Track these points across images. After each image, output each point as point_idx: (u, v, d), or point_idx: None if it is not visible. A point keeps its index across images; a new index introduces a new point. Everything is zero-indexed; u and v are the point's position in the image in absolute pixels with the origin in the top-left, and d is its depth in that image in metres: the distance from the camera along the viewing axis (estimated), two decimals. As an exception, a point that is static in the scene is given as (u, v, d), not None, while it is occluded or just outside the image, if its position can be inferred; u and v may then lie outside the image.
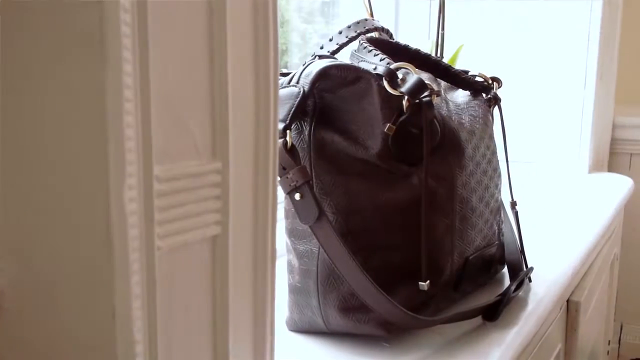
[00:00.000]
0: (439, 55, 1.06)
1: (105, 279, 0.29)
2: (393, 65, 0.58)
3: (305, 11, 1.48)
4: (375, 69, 0.58)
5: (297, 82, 0.57)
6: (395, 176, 0.59)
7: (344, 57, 0.67)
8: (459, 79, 0.73)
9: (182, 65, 0.34)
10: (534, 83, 1.46)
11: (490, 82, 0.74)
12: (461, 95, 0.74)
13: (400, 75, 0.58)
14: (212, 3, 0.35)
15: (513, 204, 0.76)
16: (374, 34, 0.73)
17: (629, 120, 1.57)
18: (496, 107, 0.74)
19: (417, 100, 0.57)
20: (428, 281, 0.58)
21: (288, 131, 0.55)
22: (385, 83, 0.57)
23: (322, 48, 0.69)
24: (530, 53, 1.45)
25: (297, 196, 0.54)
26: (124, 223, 0.29)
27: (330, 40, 0.69)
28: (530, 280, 0.75)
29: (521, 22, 1.45)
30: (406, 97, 0.56)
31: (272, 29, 0.38)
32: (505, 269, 0.77)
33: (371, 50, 0.62)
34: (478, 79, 0.74)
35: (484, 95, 0.74)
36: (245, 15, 0.37)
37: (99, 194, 0.28)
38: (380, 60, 0.60)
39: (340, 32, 0.69)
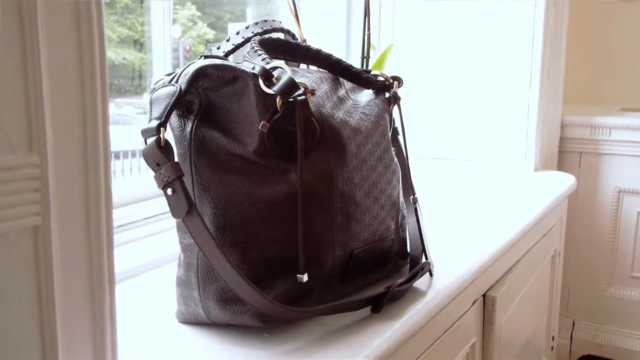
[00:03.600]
0: (364, 55, 1.08)
1: None
2: (269, 65, 0.60)
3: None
4: (253, 68, 0.60)
5: (176, 82, 0.59)
6: (274, 172, 0.60)
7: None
8: (359, 78, 0.75)
9: (-11, 64, 0.36)
10: (483, 83, 1.48)
11: (390, 81, 0.76)
12: (365, 94, 0.76)
13: (275, 74, 0.60)
14: (22, 3, 0.36)
15: (414, 200, 0.78)
16: (279, 35, 0.75)
17: (578, 119, 1.59)
18: (396, 105, 0.76)
19: (292, 99, 0.59)
20: (306, 274, 0.60)
21: (162, 129, 0.57)
22: (260, 82, 0.59)
23: (218, 48, 0.71)
24: (477, 53, 1.47)
25: (169, 191, 0.56)
26: None
27: (227, 40, 0.71)
28: (431, 275, 0.77)
29: (465, 22, 1.47)
30: (279, 96, 0.58)
31: (96, 22, 0.40)
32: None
33: (257, 51, 0.64)
34: (380, 78, 0.76)
35: (386, 94, 0.76)
36: (64, 13, 0.39)
37: None
38: (262, 60, 0.62)
39: (237, 33, 0.71)
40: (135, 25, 1.16)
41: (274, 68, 0.60)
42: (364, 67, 1.15)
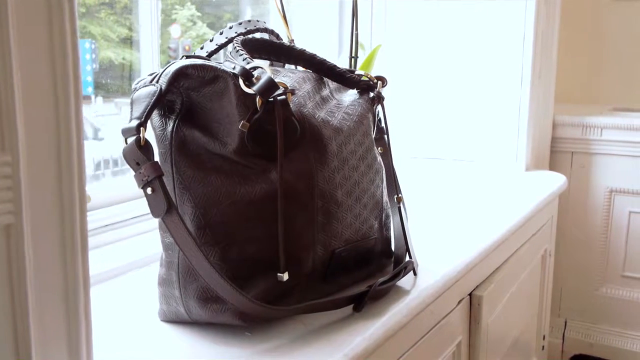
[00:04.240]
0: (353, 55, 1.09)
1: None
2: (249, 65, 0.60)
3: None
4: (234, 68, 0.60)
5: (157, 81, 0.59)
6: (254, 171, 0.61)
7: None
8: (343, 78, 0.76)
9: (-41, 64, 0.36)
10: (474, 82, 1.48)
11: (374, 81, 0.76)
12: (349, 94, 0.76)
13: (256, 74, 0.60)
14: (-7, 4, 0.37)
15: (398, 200, 0.78)
16: (263, 35, 0.75)
17: (570, 119, 1.60)
18: (380, 105, 0.76)
19: (271, 99, 0.59)
20: (287, 272, 0.60)
21: (142, 128, 0.57)
22: (240, 82, 0.59)
23: (202, 48, 0.71)
24: (468, 52, 1.47)
25: (148, 190, 0.56)
26: None
27: (211, 40, 0.71)
28: (415, 274, 0.77)
29: (457, 21, 1.47)
30: (258, 96, 0.59)
31: (68, 20, 0.40)
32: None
33: (238, 51, 0.65)
34: (364, 78, 0.77)
35: (370, 94, 0.77)
36: (35, 10, 0.39)
37: None
38: (243, 60, 0.63)
39: (221, 33, 0.71)
40: (134, 25, 1.17)
41: (254, 68, 0.60)
42: (352, 67, 1.16)
